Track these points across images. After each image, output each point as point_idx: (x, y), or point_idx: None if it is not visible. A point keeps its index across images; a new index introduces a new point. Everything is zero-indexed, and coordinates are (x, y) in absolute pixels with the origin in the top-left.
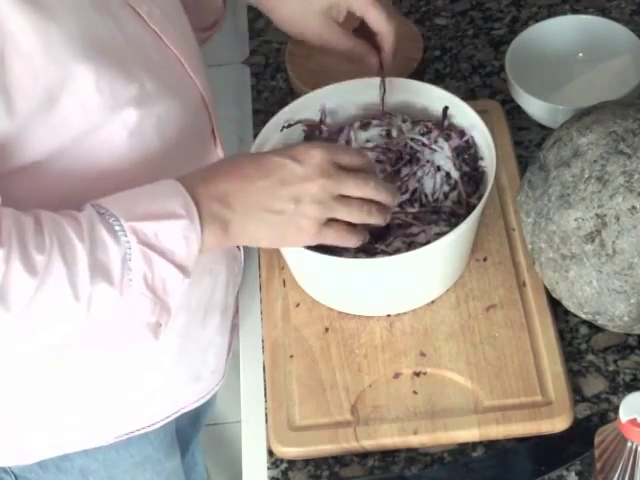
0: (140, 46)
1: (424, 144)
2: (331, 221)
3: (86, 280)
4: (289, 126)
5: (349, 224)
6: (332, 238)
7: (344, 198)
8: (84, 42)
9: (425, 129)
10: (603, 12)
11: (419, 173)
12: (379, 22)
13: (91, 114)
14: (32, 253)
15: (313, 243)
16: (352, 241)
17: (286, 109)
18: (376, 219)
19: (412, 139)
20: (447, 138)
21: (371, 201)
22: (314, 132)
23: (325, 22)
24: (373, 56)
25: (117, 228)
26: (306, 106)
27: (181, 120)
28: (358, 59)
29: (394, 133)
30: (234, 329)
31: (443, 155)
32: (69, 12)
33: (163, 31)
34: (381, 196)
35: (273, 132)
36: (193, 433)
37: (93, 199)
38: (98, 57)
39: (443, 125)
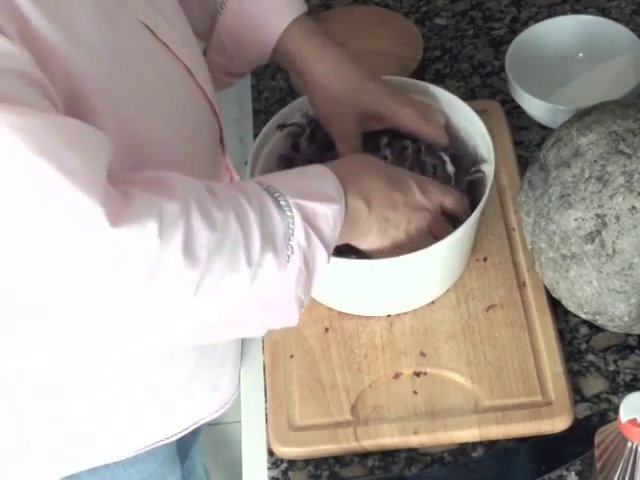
0: (151, 58)
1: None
2: None
3: (258, 247)
4: (285, 127)
5: None
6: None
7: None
8: (104, 58)
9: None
10: (603, 12)
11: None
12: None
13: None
14: (211, 209)
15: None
16: None
17: (286, 109)
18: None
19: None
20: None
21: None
22: (300, 135)
23: (353, 125)
24: None
25: (282, 203)
26: (306, 106)
27: (193, 131)
28: None
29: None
30: (244, 338)
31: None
32: (89, 27)
33: (171, 42)
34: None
35: (273, 132)
36: (193, 440)
37: None
38: (116, 73)
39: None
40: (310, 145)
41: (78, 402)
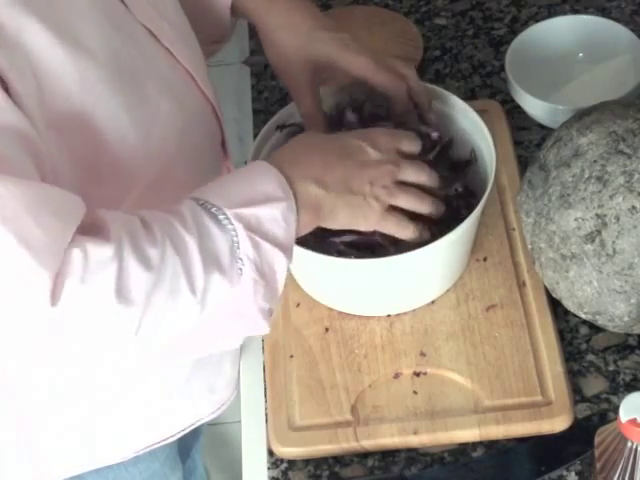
0: (154, 63)
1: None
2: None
3: (200, 271)
4: (284, 127)
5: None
6: (392, 225)
7: (403, 185)
8: (113, 66)
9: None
10: (603, 12)
11: None
12: (388, 86)
13: (119, 136)
14: (145, 248)
15: (373, 228)
16: (409, 231)
17: (286, 109)
18: (428, 208)
19: None
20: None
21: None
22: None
23: (304, 80)
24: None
25: (221, 217)
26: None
27: (195, 134)
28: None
29: None
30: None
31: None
32: (97, 36)
33: (173, 46)
34: (433, 181)
35: (273, 132)
36: (194, 440)
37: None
38: (124, 81)
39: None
40: None
41: (79, 403)
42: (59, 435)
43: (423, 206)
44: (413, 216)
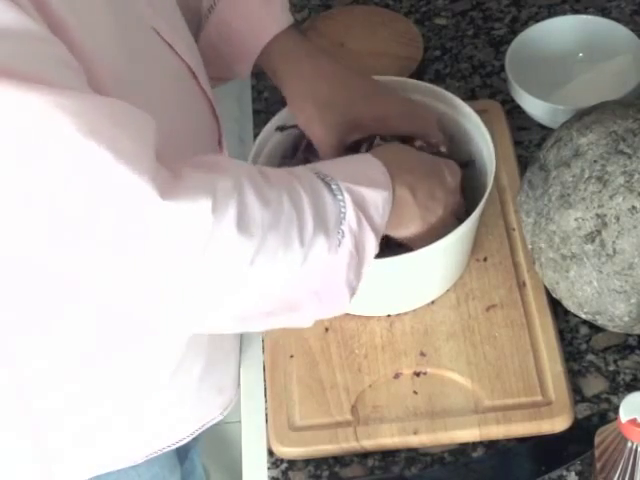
0: (159, 60)
1: None
2: None
3: (310, 227)
4: (285, 128)
5: None
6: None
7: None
8: (122, 62)
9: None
10: (603, 12)
11: None
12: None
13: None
14: (264, 188)
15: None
16: None
17: (286, 110)
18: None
19: None
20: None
21: None
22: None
23: (328, 139)
24: None
25: (334, 187)
26: None
27: (193, 131)
28: None
29: None
30: (243, 336)
31: None
32: (110, 32)
33: (175, 44)
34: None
35: (273, 132)
36: (193, 442)
37: None
38: (130, 75)
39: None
40: (309, 146)
41: (91, 411)
42: (71, 441)
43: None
44: None
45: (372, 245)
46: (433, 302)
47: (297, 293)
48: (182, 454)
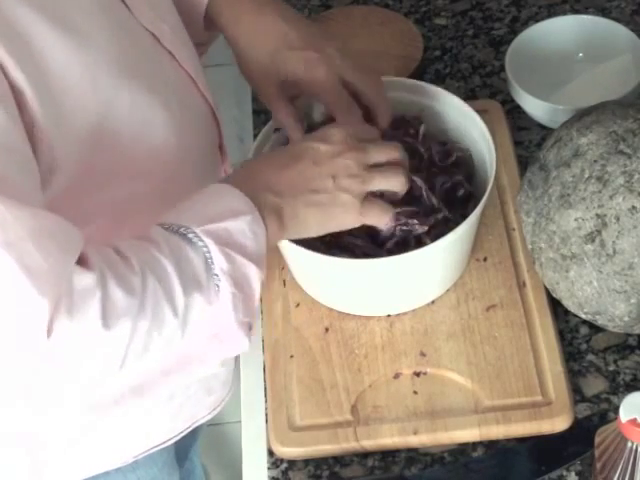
0: (157, 66)
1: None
2: (371, 198)
3: (180, 293)
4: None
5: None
6: (375, 214)
7: (376, 167)
8: (119, 67)
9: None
10: (603, 12)
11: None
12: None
13: (123, 139)
14: (126, 275)
15: (358, 223)
16: (390, 215)
17: None
18: (406, 183)
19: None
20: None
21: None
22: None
23: (273, 96)
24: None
25: (191, 236)
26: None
27: (195, 137)
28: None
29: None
30: None
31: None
32: (104, 38)
33: (175, 50)
34: (403, 156)
35: (273, 132)
36: (191, 443)
37: (115, 216)
38: (130, 82)
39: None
40: None
41: (81, 412)
42: (60, 441)
43: (401, 182)
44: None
45: (254, 273)
46: (433, 302)
47: (191, 350)
48: (181, 455)
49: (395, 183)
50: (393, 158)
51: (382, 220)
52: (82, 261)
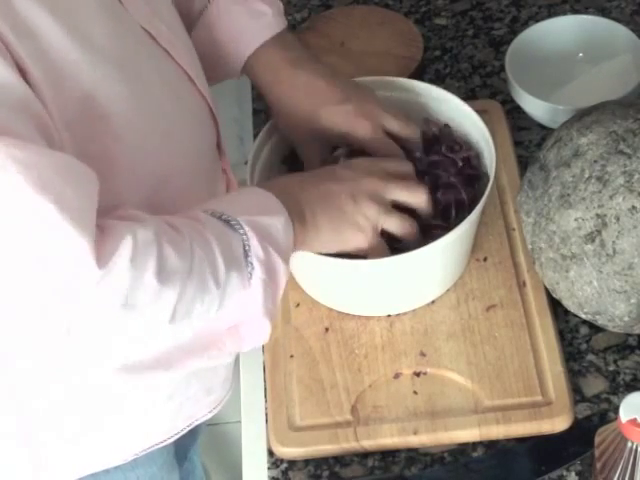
0: (155, 64)
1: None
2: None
3: (222, 268)
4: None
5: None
6: (381, 250)
7: (397, 208)
8: (118, 66)
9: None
10: (603, 12)
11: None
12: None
13: (120, 138)
14: (177, 239)
15: (366, 251)
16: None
17: None
18: (414, 233)
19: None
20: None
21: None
22: None
23: (312, 146)
24: None
25: (233, 222)
26: None
27: (193, 136)
28: None
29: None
30: None
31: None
32: (104, 36)
33: (172, 48)
34: (428, 205)
35: (273, 132)
36: (191, 442)
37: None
38: (128, 81)
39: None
40: None
41: (80, 408)
42: (60, 438)
43: (412, 229)
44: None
45: (282, 268)
46: (433, 302)
47: (218, 330)
48: (181, 454)
49: (406, 232)
50: (415, 201)
51: (381, 256)
52: (138, 219)
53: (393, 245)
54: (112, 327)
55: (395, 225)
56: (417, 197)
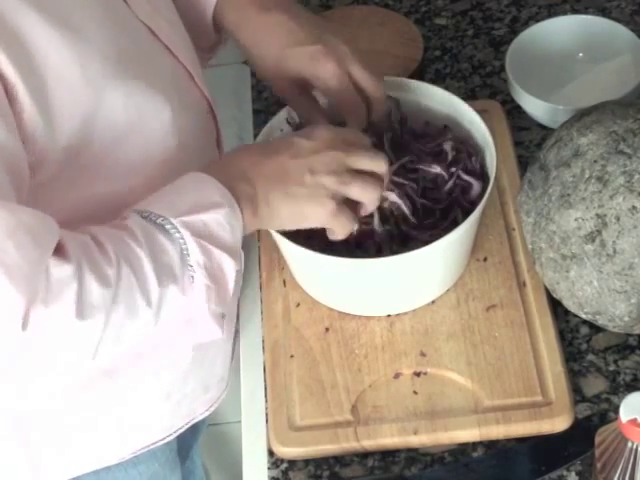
0: (155, 61)
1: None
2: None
3: (155, 285)
4: (289, 122)
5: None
6: (346, 221)
7: (358, 173)
8: (115, 61)
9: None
10: (603, 12)
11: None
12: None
13: (117, 133)
14: (102, 266)
15: (329, 224)
16: (348, 231)
17: (286, 110)
18: (376, 201)
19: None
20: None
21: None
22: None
23: (288, 92)
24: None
25: (168, 227)
26: None
27: (192, 132)
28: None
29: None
30: (236, 335)
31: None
32: (99, 31)
33: (171, 44)
34: (386, 171)
35: (273, 132)
36: (193, 441)
37: (113, 209)
38: (125, 76)
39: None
40: None
41: (76, 406)
42: (58, 436)
43: (374, 198)
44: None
45: (228, 264)
46: (433, 302)
47: (163, 337)
48: (183, 453)
49: (369, 197)
50: (377, 169)
51: (344, 231)
52: (59, 251)
53: (392, 247)
54: (45, 364)
55: (357, 191)
56: (377, 164)
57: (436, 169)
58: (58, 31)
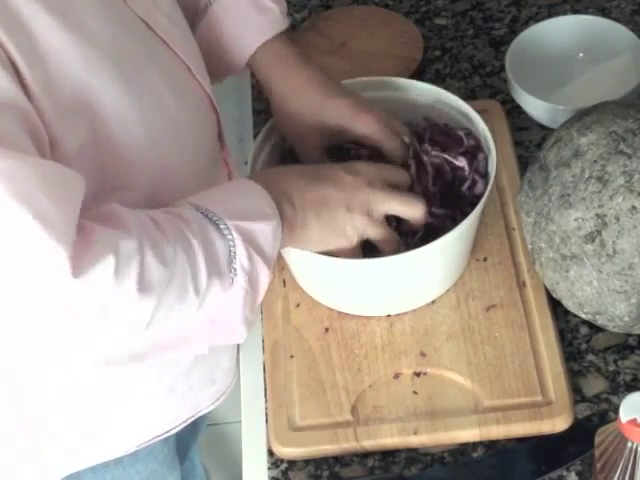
0: (153, 54)
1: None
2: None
3: (204, 275)
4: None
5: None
6: (358, 252)
7: (386, 221)
8: (115, 57)
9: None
10: (603, 12)
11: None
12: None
13: (117, 129)
14: (161, 246)
15: (344, 253)
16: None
17: None
18: (392, 252)
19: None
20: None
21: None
22: None
23: (314, 140)
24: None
25: (222, 227)
26: None
27: (193, 126)
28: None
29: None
30: None
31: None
32: (100, 27)
33: (170, 39)
34: (422, 218)
35: (273, 132)
36: (192, 440)
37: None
38: (123, 67)
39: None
40: None
41: (83, 398)
42: (63, 428)
43: (390, 250)
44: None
45: (265, 276)
46: (433, 302)
47: (194, 330)
48: (182, 453)
49: (388, 240)
50: (411, 215)
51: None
52: (123, 225)
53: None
54: (88, 333)
55: (379, 237)
56: (413, 210)
57: (462, 162)
58: (61, 23)
